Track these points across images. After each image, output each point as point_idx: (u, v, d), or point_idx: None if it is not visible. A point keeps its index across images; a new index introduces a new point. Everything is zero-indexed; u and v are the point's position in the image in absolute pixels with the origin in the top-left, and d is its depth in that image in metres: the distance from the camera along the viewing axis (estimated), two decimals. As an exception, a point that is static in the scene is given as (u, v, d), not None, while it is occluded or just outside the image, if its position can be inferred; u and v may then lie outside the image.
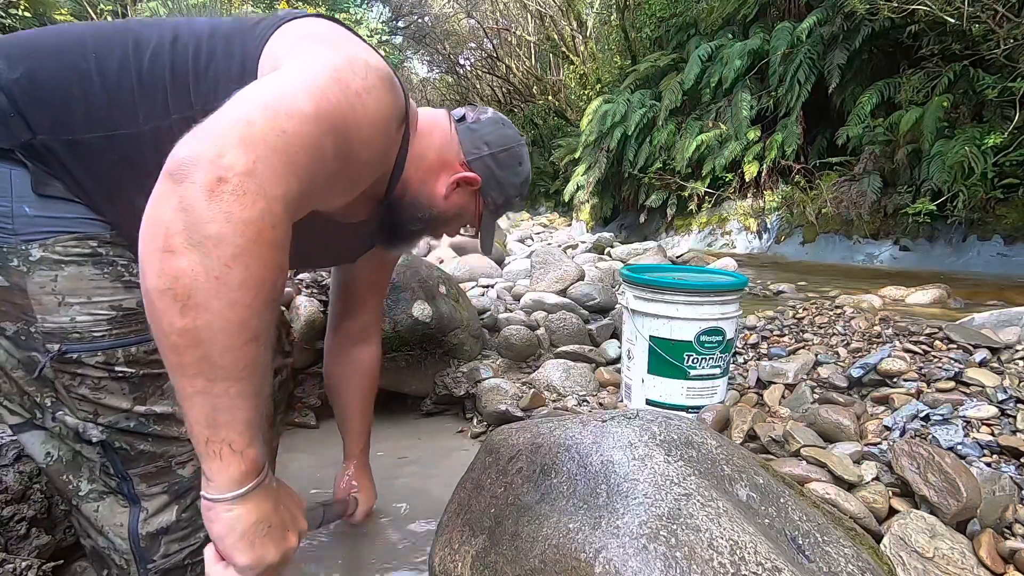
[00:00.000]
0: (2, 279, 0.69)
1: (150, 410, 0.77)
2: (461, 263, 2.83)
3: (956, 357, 1.48)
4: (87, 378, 0.73)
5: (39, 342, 0.71)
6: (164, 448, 0.79)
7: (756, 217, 6.64)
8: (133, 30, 0.74)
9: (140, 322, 0.74)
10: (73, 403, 0.74)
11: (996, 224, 4.53)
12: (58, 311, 0.70)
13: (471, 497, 1.01)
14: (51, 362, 0.71)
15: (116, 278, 0.73)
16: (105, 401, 0.75)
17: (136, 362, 0.76)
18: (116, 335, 0.73)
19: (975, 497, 0.99)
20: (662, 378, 1.48)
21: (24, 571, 1.07)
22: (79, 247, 0.71)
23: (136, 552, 0.80)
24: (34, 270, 0.69)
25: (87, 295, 0.72)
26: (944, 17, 4.24)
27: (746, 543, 0.71)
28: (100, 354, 0.73)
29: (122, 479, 0.78)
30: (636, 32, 9.26)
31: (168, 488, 0.81)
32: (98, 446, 0.76)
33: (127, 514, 0.79)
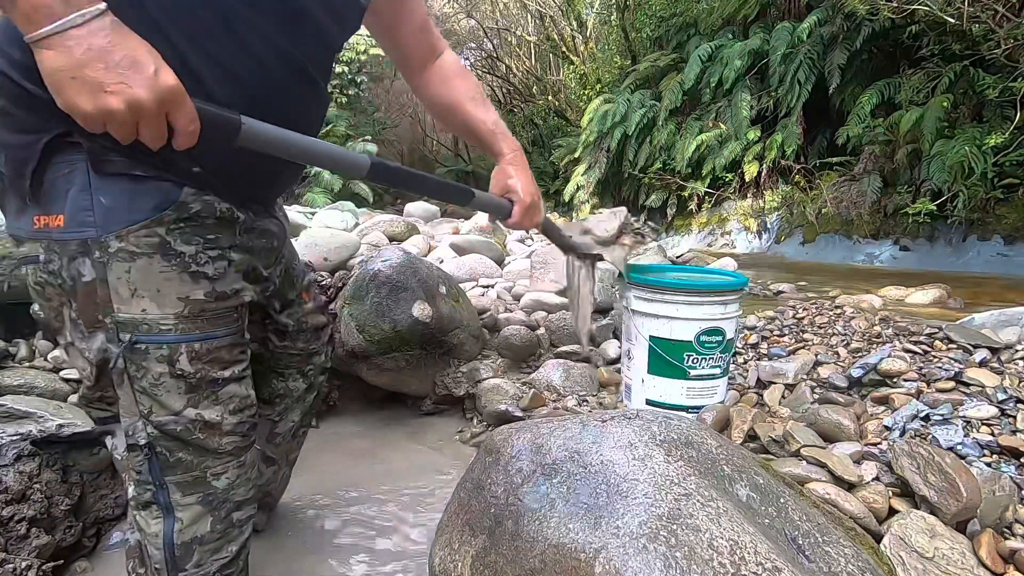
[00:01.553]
0: (93, 272, 0.71)
1: (200, 415, 0.79)
2: (461, 263, 2.83)
3: (956, 357, 1.48)
4: (150, 372, 0.75)
5: (113, 332, 0.73)
6: (201, 459, 0.81)
7: (756, 217, 6.64)
8: None
9: (205, 318, 0.77)
10: (134, 396, 0.76)
11: (996, 224, 4.53)
12: (131, 302, 0.72)
13: (471, 497, 1.01)
14: (124, 352, 0.73)
15: (183, 270, 0.74)
16: (161, 398, 0.76)
17: (198, 358, 0.77)
18: (181, 330, 0.75)
19: (975, 497, 0.99)
20: (662, 378, 1.48)
21: (24, 571, 1.07)
22: (149, 237, 0.71)
23: (170, 560, 0.81)
24: (112, 261, 0.70)
25: (156, 287, 0.73)
26: (944, 17, 4.24)
27: (746, 543, 0.71)
28: (165, 347, 0.75)
29: (158, 487, 0.79)
30: (636, 32, 9.26)
31: (203, 499, 0.82)
32: (144, 449, 0.77)
33: (161, 523, 0.80)
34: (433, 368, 1.96)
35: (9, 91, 0.66)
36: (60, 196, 0.69)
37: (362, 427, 1.93)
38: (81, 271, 0.71)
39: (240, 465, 0.85)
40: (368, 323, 1.81)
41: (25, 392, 1.36)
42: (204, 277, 0.76)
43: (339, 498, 1.47)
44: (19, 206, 0.73)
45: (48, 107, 0.61)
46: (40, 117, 0.66)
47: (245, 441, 0.86)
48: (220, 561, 0.85)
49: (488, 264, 2.89)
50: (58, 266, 0.71)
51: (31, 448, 1.21)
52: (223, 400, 0.81)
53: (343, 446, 1.78)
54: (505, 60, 16.33)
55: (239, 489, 0.86)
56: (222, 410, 0.81)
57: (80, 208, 0.69)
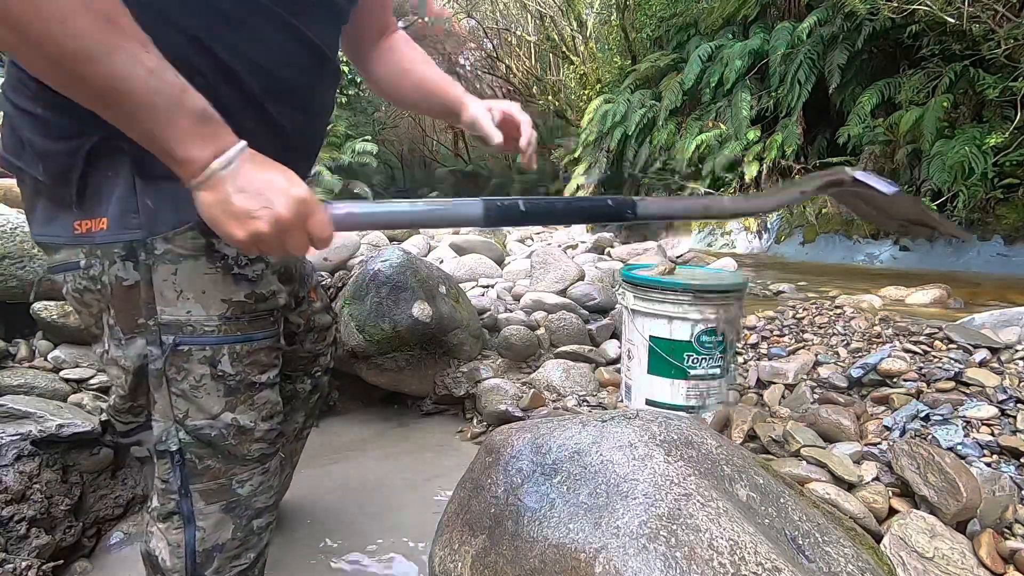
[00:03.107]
0: (136, 275, 0.71)
1: (235, 420, 0.79)
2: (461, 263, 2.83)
3: (956, 357, 1.48)
4: (191, 373, 0.75)
5: (155, 334, 0.73)
6: (229, 466, 0.81)
7: (756, 217, 6.64)
8: None
9: (247, 320, 0.77)
10: (170, 400, 0.75)
11: (996, 224, 4.53)
12: (176, 304, 0.72)
13: (471, 497, 1.01)
14: (167, 354, 0.73)
15: (226, 272, 0.75)
16: (200, 400, 0.76)
17: (239, 360, 0.77)
18: (224, 331, 0.75)
19: (975, 497, 0.99)
20: (662, 378, 1.48)
21: (24, 571, 1.07)
22: (195, 239, 0.72)
23: (189, 568, 0.80)
24: (158, 263, 0.71)
25: (201, 288, 0.73)
26: (944, 17, 4.24)
27: (746, 543, 0.71)
28: (208, 349, 0.75)
29: (183, 496, 0.79)
30: (636, 32, 9.26)
31: (226, 507, 0.82)
32: (175, 456, 0.77)
33: (183, 533, 0.80)
34: (433, 368, 1.96)
35: (46, 99, 0.66)
36: (103, 199, 0.69)
37: (362, 427, 1.93)
38: (122, 275, 0.71)
39: (264, 472, 0.85)
40: (368, 323, 1.81)
41: (25, 392, 1.36)
42: (245, 279, 0.76)
43: (339, 498, 1.47)
44: (50, 214, 0.72)
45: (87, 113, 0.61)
46: (79, 123, 0.66)
47: (272, 448, 0.86)
48: (238, 568, 0.85)
49: (488, 264, 2.89)
50: (99, 270, 0.71)
51: (31, 448, 1.21)
52: (258, 405, 0.81)
53: (343, 446, 1.78)
54: (505, 60, 16.33)
55: (261, 496, 0.85)
56: (255, 416, 0.81)
57: (125, 211, 0.69)
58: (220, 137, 0.60)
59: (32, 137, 0.68)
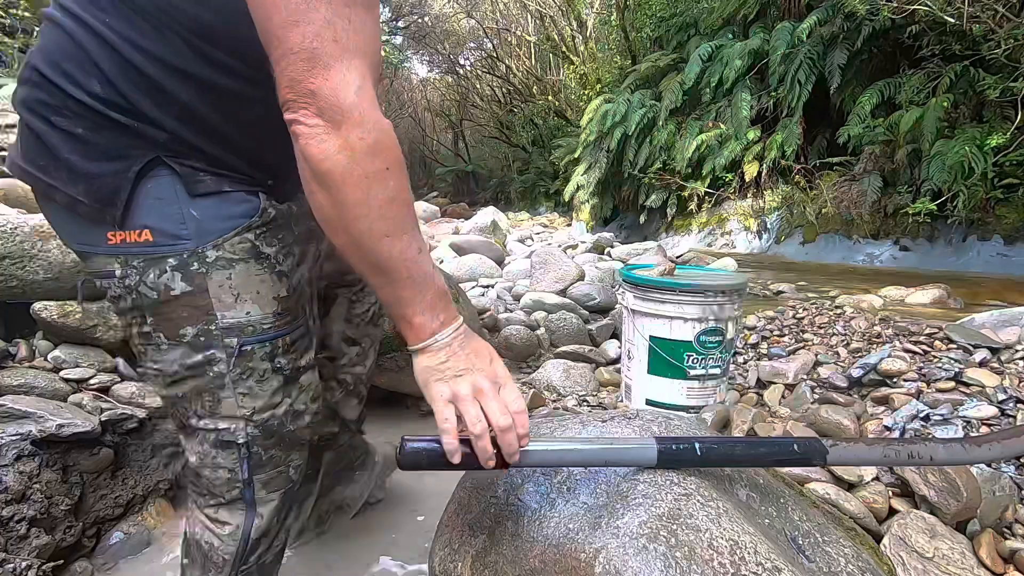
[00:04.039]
0: (185, 284, 0.73)
1: (291, 406, 0.83)
2: (461, 263, 2.83)
3: (956, 357, 1.48)
4: (256, 371, 0.79)
5: (219, 338, 0.75)
6: (288, 452, 0.85)
7: (756, 217, 6.64)
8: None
9: (290, 312, 0.82)
10: (236, 399, 0.78)
11: (996, 224, 4.53)
12: (235, 307, 0.75)
13: (471, 497, 1.01)
14: (235, 356, 0.76)
15: (271, 270, 0.79)
16: (264, 394, 0.80)
17: (289, 350, 0.82)
18: (277, 327, 0.79)
19: (975, 497, 0.99)
20: (662, 378, 1.48)
21: (24, 571, 1.07)
22: (243, 243, 0.75)
23: (240, 554, 0.84)
24: (212, 270, 0.73)
25: (256, 289, 0.77)
26: (944, 17, 4.24)
27: (746, 543, 0.71)
28: (268, 344, 0.79)
29: (246, 484, 0.82)
30: (636, 32, 9.26)
31: (284, 493, 0.87)
32: (242, 448, 0.80)
33: (243, 519, 0.84)
34: (433, 368, 1.96)
35: (90, 120, 0.68)
36: (142, 212, 0.71)
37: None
38: (170, 285, 0.72)
39: (306, 454, 0.90)
40: (368, 323, 1.81)
41: (25, 392, 1.35)
42: (284, 275, 0.81)
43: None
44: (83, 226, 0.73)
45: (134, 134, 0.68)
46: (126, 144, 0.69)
47: (314, 431, 0.90)
48: (275, 550, 0.90)
49: (488, 264, 2.89)
50: (135, 280, 0.72)
51: (31, 448, 1.21)
52: (306, 388, 0.86)
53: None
54: (505, 60, 16.33)
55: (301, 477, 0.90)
56: (306, 398, 0.86)
57: (173, 222, 0.71)
58: (448, 312, 0.71)
59: (71, 157, 0.69)
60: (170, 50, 0.68)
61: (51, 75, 0.68)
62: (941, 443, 0.84)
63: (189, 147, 0.72)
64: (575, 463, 0.82)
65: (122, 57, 0.67)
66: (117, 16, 0.66)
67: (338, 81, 0.59)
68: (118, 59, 0.67)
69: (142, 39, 0.67)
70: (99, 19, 0.67)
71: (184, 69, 0.69)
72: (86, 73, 0.67)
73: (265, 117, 0.70)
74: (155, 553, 1.33)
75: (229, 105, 0.72)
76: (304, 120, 0.60)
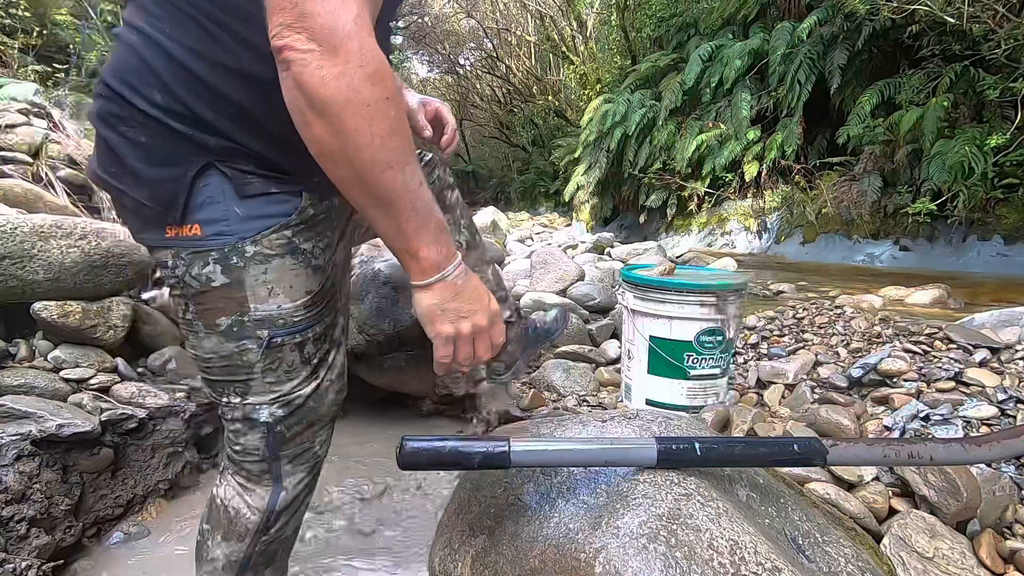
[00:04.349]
0: (225, 277, 0.77)
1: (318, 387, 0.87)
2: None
3: (956, 357, 1.48)
4: (284, 361, 0.82)
5: (251, 330, 0.79)
6: (313, 429, 0.88)
7: (756, 217, 6.64)
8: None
9: (321, 304, 0.85)
10: (265, 384, 0.82)
11: (996, 224, 4.53)
12: (268, 300, 0.79)
13: (471, 497, 1.01)
14: (265, 347, 0.80)
15: (307, 265, 0.82)
16: (293, 382, 0.84)
17: (318, 340, 0.86)
18: (308, 319, 0.83)
19: (975, 497, 0.99)
20: (662, 378, 1.48)
21: (24, 571, 1.07)
22: (279, 239, 0.78)
23: (263, 523, 0.88)
24: (249, 264, 0.77)
25: (289, 283, 0.80)
26: (944, 17, 4.24)
27: (746, 543, 0.71)
28: (298, 336, 0.82)
29: (273, 460, 0.86)
30: (636, 32, 9.26)
31: (308, 468, 0.90)
32: (263, 427, 0.84)
33: (269, 492, 0.88)
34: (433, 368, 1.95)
35: (152, 129, 0.73)
36: (194, 210, 0.76)
37: (362, 427, 1.93)
38: (211, 276, 0.77)
39: (331, 428, 0.94)
40: (368, 323, 1.81)
41: (25, 392, 1.35)
42: (319, 269, 0.84)
43: (339, 498, 1.47)
44: (145, 222, 0.79)
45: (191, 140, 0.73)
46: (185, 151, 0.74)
47: (339, 408, 0.94)
48: (295, 523, 0.94)
49: (488, 264, 2.88)
50: (183, 271, 0.78)
51: (31, 448, 1.21)
52: (334, 367, 0.90)
53: (343, 447, 1.78)
54: (505, 60, 16.33)
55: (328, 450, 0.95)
56: (332, 376, 0.89)
57: (217, 219, 0.76)
58: (449, 245, 0.73)
59: (136, 164, 0.75)
60: (220, 49, 0.71)
61: (118, 88, 0.73)
62: (941, 443, 0.84)
63: (240, 150, 0.76)
64: (575, 463, 0.82)
65: (178, 63, 0.72)
66: (172, 23, 0.71)
67: (335, 5, 0.58)
68: (174, 66, 0.72)
69: (195, 42, 0.71)
70: (157, 28, 0.71)
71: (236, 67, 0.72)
72: (148, 83, 0.73)
73: None
74: (155, 553, 1.33)
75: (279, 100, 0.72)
76: (296, 45, 0.59)
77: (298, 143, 0.72)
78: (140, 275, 1.65)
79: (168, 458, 1.50)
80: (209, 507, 0.92)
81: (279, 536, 0.91)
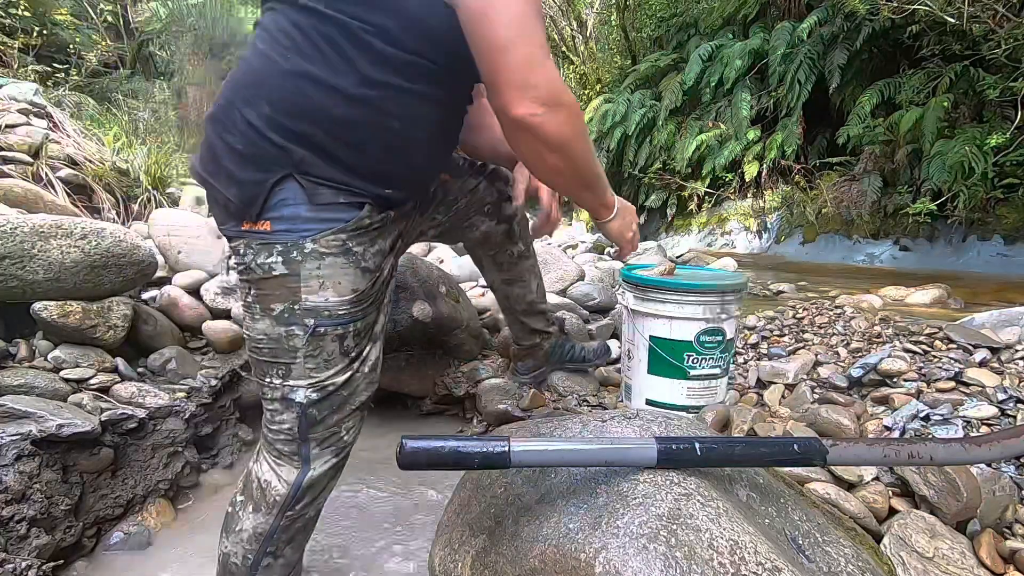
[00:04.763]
0: (284, 268, 0.88)
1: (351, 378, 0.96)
2: (461, 263, 2.82)
3: (956, 357, 1.48)
4: (325, 350, 0.92)
5: (300, 317, 0.90)
6: (342, 416, 0.97)
7: (756, 217, 6.63)
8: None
9: (367, 302, 0.95)
10: (304, 369, 0.92)
11: (996, 224, 4.53)
12: (318, 293, 0.89)
13: (471, 497, 1.01)
14: (310, 334, 0.90)
15: (357, 266, 0.92)
16: (330, 370, 0.93)
17: (359, 335, 0.96)
18: (352, 314, 0.93)
19: (975, 497, 0.99)
20: (662, 378, 1.48)
21: (24, 571, 1.07)
22: (335, 241, 0.89)
23: (291, 497, 0.96)
24: (306, 259, 0.88)
25: (338, 280, 0.90)
26: (944, 17, 4.23)
27: (746, 543, 0.71)
28: (340, 328, 0.92)
29: (303, 441, 0.95)
30: (636, 32, 9.25)
31: (335, 451, 0.98)
32: (297, 408, 0.93)
33: (297, 472, 0.96)
34: (433, 368, 1.96)
35: (249, 138, 0.86)
36: (269, 208, 0.87)
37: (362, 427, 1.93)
38: (273, 266, 0.88)
39: (361, 418, 1.03)
40: (368, 323, 1.81)
41: (25, 392, 1.35)
42: (368, 271, 0.94)
43: (339, 498, 1.47)
44: (225, 217, 0.92)
45: (282, 153, 0.85)
46: (272, 160, 0.86)
47: (370, 399, 1.03)
48: (317, 505, 1.01)
49: (488, 264, 2.88)
50: (250, 259, 0.89)
51: (31, 448, 1.21)
52: (368, 360, 0.99)
53: (343, 446, 1.78)
54: (505, 60, 16.29)
55: (355, 438, 1.03)
56: (365, 369, 0.99)
57: (285, 218, 0.87)
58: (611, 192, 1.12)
59: (230, 166, 0.88)
60: (332, 73, 0.84)
61: (231, 98, 0.88)
62: (941, 443, 0.84)
63: (322, 163, 0.87)
64: (575, 463, 0.82)
65: (290, 83, 0.85)
66: (293, 47, 0.84)
67: (551, 74, 0.82)
68: (286, 85, 0.85)
69: (312, 65, 0.84)
70: (277, 51, 0.86)
71: (343, 88, 0.84)
72: (259, 98, 0.86)
73: (410, 124, 0.91)
74: (155, 553, 1.33)
75: (371, 120, 0.88)
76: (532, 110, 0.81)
77: (376, 160, 0.90)
78: (140, 275, 1.65)
79: (168, 458, 1.50)
80: (244, 482, 1.01)
81: (302, 515, 0.99)
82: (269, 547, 0.98)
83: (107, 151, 3.40)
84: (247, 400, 1.82)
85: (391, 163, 0.93)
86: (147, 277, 1.71)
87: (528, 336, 1.68)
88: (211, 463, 1.68)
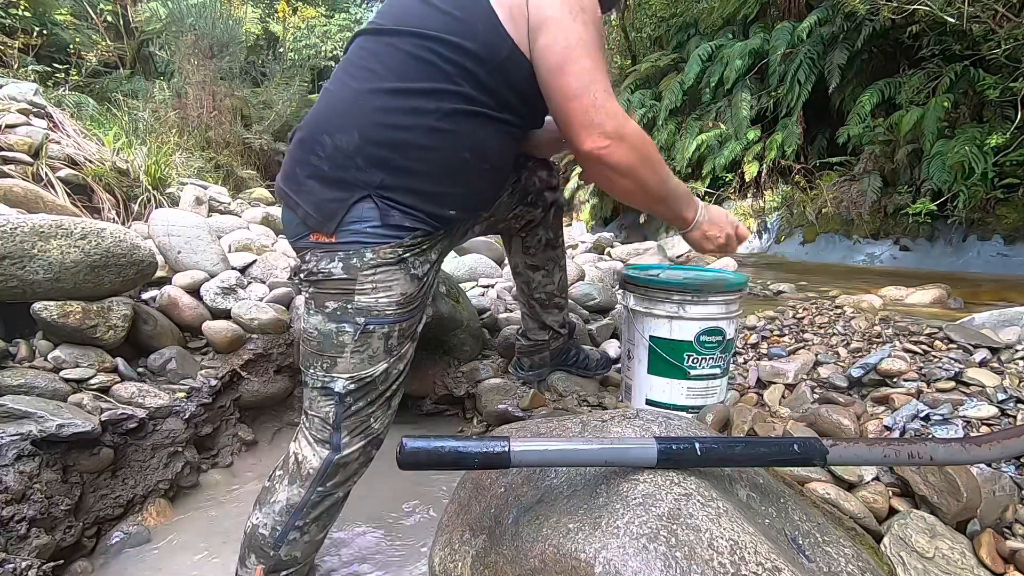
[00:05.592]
0: (343, 272, 0.99)
1: (387, 370, 1.05)
2: (461, 263, 2.82)
3: (956, 357, 1.48)
4: (371, 346, 1.02)
5: (351, 316, 1.00)
6: (372, 407, 1.06)
7: (756, 217, 6.63)
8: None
9: (414, 305, 1.06)
10: (350, 366, 1.02)
11: (996, 224, 4.52)
12: (370, 294, 1.00)
13: (471, 497, 1.01)
14: (358, 331, 1.00)
15: (407, 273, 1.03)
16: (374, 365, 1.03)
17: (402, 334, 1.05)
18: (399, 315, 1.03)
19: (975, 497, 0.99)
20: (662, 378, 1.48)
21: (24, 571, 1.07)
22: (392, 253, 1.00)
23: (321, 472, 1.04)
24: (365, 266, 0.99)
25: (389, 285, 1.01)
26: (944, 17, 4.23)
27: (746, 543, 0.71)
28: (386, 327, 1.02)
29: (335, 429, 1.04)
30: (636, 32, 9.25)
31: (364, 438, 1.06)
32: (335, 396, 1.02)
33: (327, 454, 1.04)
34: (433, 368, 1.96)
35: (337, 161, 0.99)
36: (343, 224, 0.99)
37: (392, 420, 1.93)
38: (333, 270, 0.99)
39: (392, 410, 1.11)
40: (368, 323, 1.81)
41: (25, 392, 1.35)
42: (417, 278, 1.05)
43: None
44: (298, 230, 1.04)
45: (364, 176, 0.97)
46: (353, 182, 0.98)
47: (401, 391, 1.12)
48: (346, 487, 1.10)
49: (488, 264, 2.88)
50: (314, 264, 1.01)
51: (31, 448, 1.21)
52: (405, 357, 1.09)
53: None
54: (505, 60, 16.28)
55: (385, 428, 1.11)
56: (400, 364, 1.08)
57: (351, 232, 0.99)
58: (695, 204, 1.20)
59: (315, 184, 1.00)
60: (422, 104, 0.97)
61: (320, 123, 1.02)
62: (941, 443, 0.84)
63: (398, 186, 0.99)
64: (575, 463, 0.82)
65: (380, 116, 0.98)
66: (380, 84, 0.98)
67: (615, 112, 0.98)
68: (376, 118, 0.98)
69: (399, 99, 0.98)
70: (363, 86, 0.99)
71: (425, 124, 0.98)
72: (350, 126, 0.98)
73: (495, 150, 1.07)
74: (155, 553, 1.33)
75: (448, 148, 1.01)
76: (600, 144, 0.97)
77: (444, 185, 1.03)
78: (140, 275, 1.65)
79: (168, 458, 1.50)
80: (284, 459, 1.09)
81: (332, 493, 1.07)
82: (298, 520, 1.05)
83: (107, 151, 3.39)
84: (247, 400, 1.82)
85: (458, 188, 1.05)
86: (147, 277, 1.71)
87: (538, 331, 1.69)
88: (211, 463, 1.68)
